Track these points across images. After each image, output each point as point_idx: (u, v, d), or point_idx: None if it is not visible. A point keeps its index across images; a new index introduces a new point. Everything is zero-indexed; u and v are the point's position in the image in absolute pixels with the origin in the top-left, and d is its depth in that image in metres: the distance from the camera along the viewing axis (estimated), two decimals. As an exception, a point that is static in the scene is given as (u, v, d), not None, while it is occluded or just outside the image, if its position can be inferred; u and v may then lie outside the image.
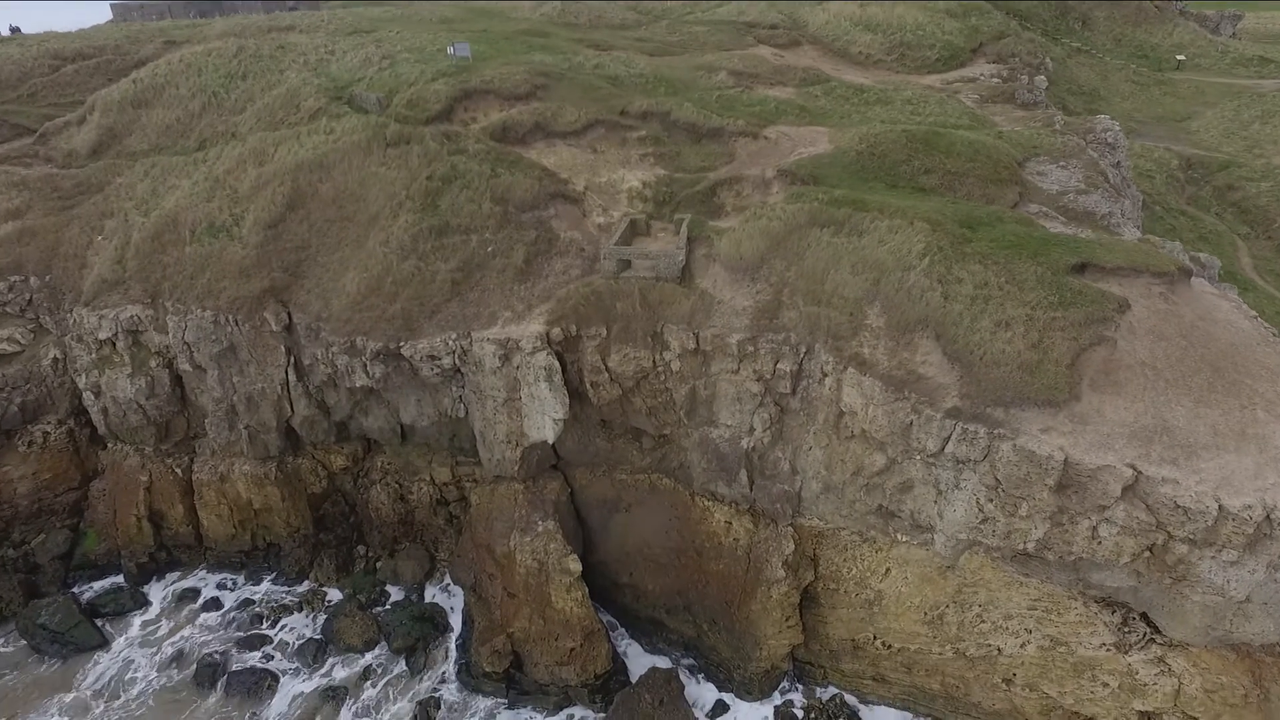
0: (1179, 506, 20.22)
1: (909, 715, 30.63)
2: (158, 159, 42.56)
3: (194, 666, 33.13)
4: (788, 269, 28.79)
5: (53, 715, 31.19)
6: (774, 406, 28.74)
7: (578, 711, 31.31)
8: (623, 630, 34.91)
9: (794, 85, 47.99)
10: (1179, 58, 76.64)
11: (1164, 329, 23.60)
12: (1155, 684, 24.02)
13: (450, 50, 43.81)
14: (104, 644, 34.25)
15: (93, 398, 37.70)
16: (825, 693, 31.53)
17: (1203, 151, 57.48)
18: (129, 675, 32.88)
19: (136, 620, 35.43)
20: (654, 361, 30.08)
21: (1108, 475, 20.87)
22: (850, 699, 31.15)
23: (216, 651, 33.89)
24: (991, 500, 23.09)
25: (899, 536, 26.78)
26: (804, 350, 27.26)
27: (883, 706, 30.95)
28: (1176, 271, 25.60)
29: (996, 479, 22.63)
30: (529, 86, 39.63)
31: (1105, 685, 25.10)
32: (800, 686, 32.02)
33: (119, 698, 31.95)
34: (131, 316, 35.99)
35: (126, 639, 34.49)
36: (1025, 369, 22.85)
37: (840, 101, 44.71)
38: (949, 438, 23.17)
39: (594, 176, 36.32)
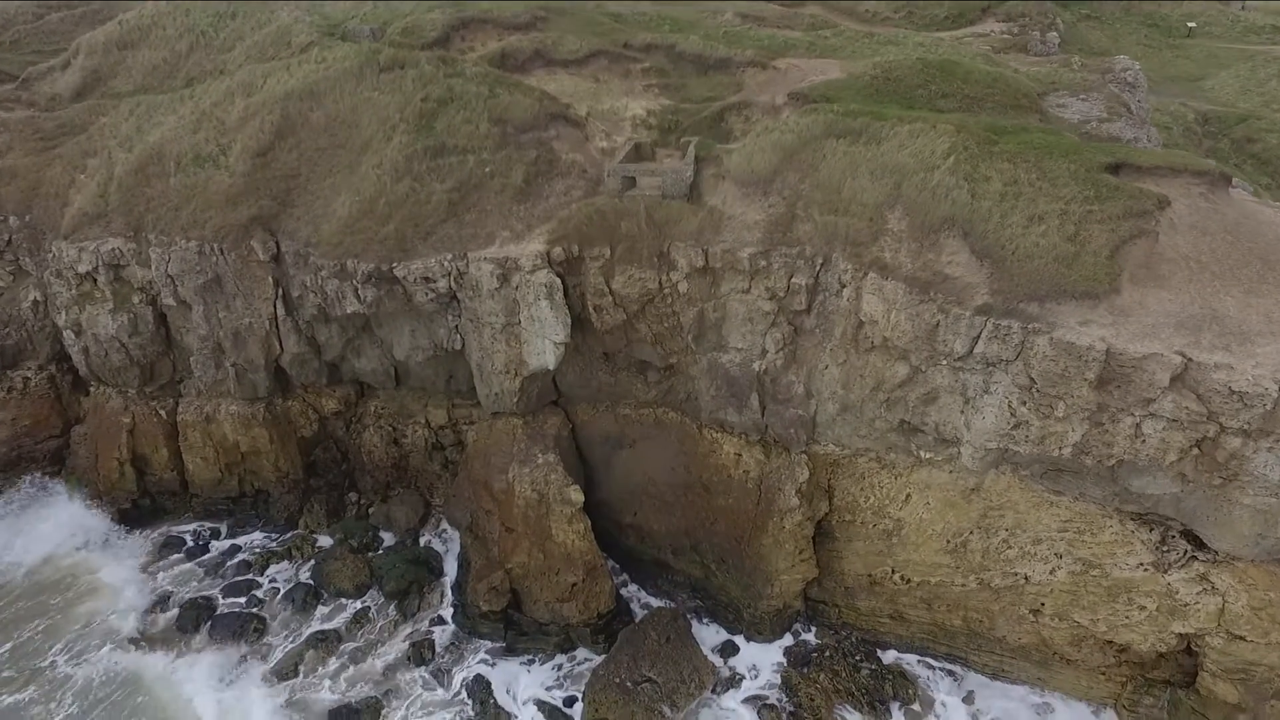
0: (1234, 392, 18.74)
1: (928, 659, 29.14)
2: (143, 98, 40.97)
3: (176, 610, 31.52)
4: (801, 181, 27.31)
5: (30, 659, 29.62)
6: (787, 326, 27.24)
7: (580, 654, 29.75)
8: (626, 576, 33.36)
9: (802, 29, 46.53)
10: (1190, 24, 75.35)
11: (1207, 225, 22.16)
12: (1197, 603, 22.54)
13: (448, -15, 42.30)
14: (83, 588, 32.71)
15: (73, 336, 36.07)
16: (841, 634, 29.94)
17: (1219, 107, 56.13)
18: (107, 620, 31.25)
19: (117, 566, 33.78)
20: (660, 283, 28.56)
21: (1154, 364, 19.39)
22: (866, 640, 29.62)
23: (201, 596, 32.29)
24: (1025, 403, 21.58)
25: (922, 454, 25.28)
26: (820, 262, 25.77)
27: (901, 649, 29.44)
28: (1216, 174, 24.15)
29: (1030, 378, 21.13)
30: (529, 17, 38.23)
31: (1142, 609, 23.61)
32: (813, 628, 30.49)
33: (97, 639, 30.34)
34: (113, 249, 34.39)
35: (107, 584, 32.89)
36: (1061, 261, 21.38)
37: (850, 41, 43.33)
38: (979, 336, 21.66)
39: (596, 104, 34.86)
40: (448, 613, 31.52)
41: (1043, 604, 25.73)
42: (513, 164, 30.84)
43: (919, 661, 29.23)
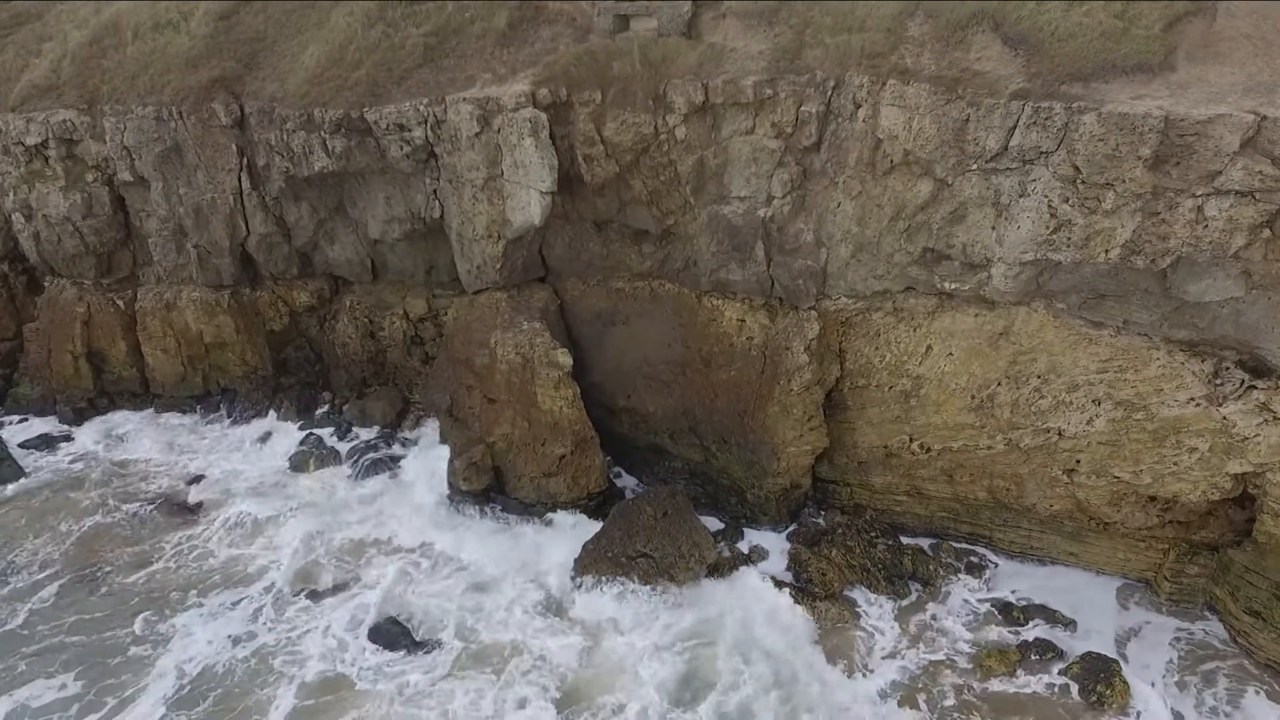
0: (1316, 146, 16.46)
1: (950, 542, 26.75)
2: (104, -16, 38.40)
3: (123, 488, 29.09)
4: (810, 8, 24.87)
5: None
6: (795, 167, 24.77)
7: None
8: (620, 470, 30.93)
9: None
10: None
11: (1268, 10, 19.78)
12: (1256, 436, 20.18)
13: None
14: (22, 475, 30.09)
15: (23, 221, 33.51)
16: (853, 516, 27.50)
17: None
18: (40, 496, 28.85)
19: (63, 452, 31.26)
20: (656, 128, 26.06)
21: (1222, 126, 17.01)
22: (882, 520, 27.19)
23: (151, 480, 29.81)
24: (1067, 199, 19.17)
25: (947, 285, 22.81)
26: (832, 85, 23.31)
27: (919, 532, 27.07)
28: (1270, -25, 21.79)
29: (1075, 167, 18.73)
30: (514, -117, 35.63)
31: (1193, 450, 21.24)
32: (823, 513, 28.09)
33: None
34: (64, 121, 31.80)
35: (49, 466, 30.39)
36: (1108, 36, 19.04)
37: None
38: (1015, 126, 19.26)
39: (587, -36, 32.36)
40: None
41: (1078, 461, 23.35)
42: (495, 9, 28.36)
43: (936, 545, 26.85)
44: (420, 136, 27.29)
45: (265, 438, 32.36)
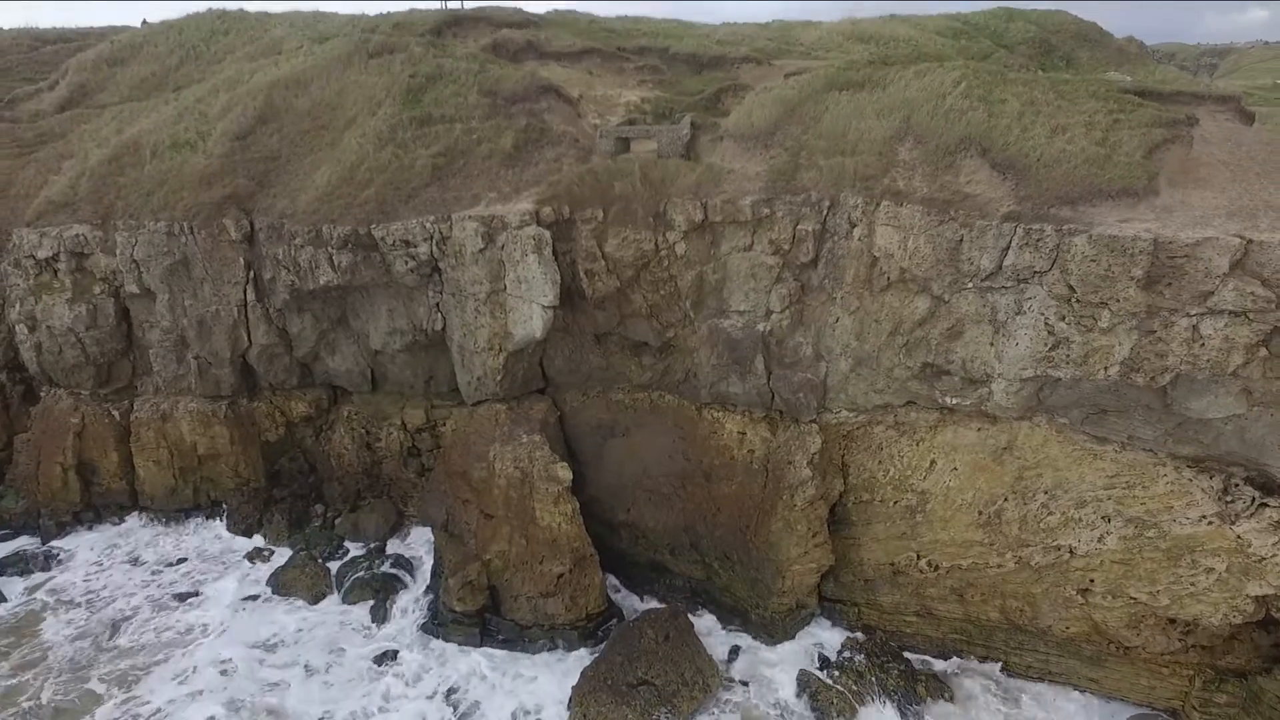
0: (1306, 269, 16.74)
1: (964, 665, 25.61)
2: (127, 105, 40.33)
3: (103, 614, 27.79)
4: (804, 132, 26.04)
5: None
6: (793, 282, 25.26)
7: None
8: (618, 584, 29.90)
9: (796, 58, 47.00)
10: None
11: (1241, 138, 20.78)
12: (1275, 556, 19.64)
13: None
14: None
15: (26, 331, 33.67)
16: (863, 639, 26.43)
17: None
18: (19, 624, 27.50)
19: (42, 575, 30.09)
20: (656, 244, 26.73)
21: (1210, 249, 17.38)
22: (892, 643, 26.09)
23: (133, 604, 28.57)
24: (1064, 317, 19.38)
25: (948, 400, 22.75)
26: (827, 205, 24.07)
27: (931, 654, 25.94)
28: (1240, 105, 22.98)
29: (1069, 286, 19.03)
30: (522, 19, 38.11)
31: (1210, 571, 20.62)
32: (832, 629, 26.96)
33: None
34: (77, 235, 32.53)
35: (25, 591, 29.14)
36: (1092, 163, 19.75)
37: (841, 56, 43.45)
38: (1008, 247, 19.70)
39: (589, 90, 34.07)
40: (416, 621, 27.83)
41: (1092, 580, 22.66)
42: (502, 131, 29.64)
43: (949, 670, 25.67)
44: (425, 252, 27.87)
45: (253, 555, 31.30)
